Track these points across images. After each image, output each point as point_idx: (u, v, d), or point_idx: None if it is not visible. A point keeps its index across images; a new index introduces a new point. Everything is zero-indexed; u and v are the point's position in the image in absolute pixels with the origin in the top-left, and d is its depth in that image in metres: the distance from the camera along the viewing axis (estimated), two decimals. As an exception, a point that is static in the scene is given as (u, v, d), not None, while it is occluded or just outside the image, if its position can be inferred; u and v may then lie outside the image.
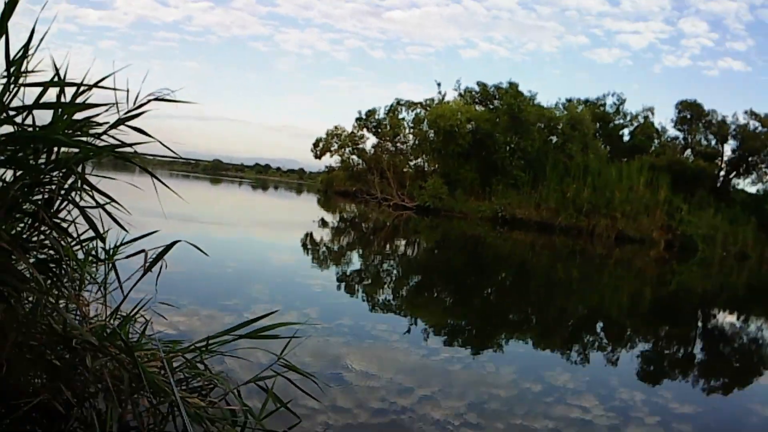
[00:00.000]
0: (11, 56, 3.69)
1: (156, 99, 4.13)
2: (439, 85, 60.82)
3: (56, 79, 3.81)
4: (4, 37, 3.60)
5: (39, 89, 3.78)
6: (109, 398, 3.81)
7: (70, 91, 3.88)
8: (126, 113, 4.07)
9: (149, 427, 4.28)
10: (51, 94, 3.81)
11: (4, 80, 3.66)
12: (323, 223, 26.60)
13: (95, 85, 3.88)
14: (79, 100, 3.91)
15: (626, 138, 49.59)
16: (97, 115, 4.01)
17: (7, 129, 3.69)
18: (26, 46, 3.74)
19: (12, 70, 3.68)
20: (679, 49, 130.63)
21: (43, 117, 3.77)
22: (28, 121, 3.77)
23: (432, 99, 49.27)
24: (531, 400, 6.28)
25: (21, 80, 3.72)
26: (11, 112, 3.69)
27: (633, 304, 15.23)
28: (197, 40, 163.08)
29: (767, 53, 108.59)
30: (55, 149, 3.91)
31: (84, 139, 4.00)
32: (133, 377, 4.07)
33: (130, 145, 4.06)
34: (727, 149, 44.02)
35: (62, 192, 3.99)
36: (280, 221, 24.48)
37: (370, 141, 51.34)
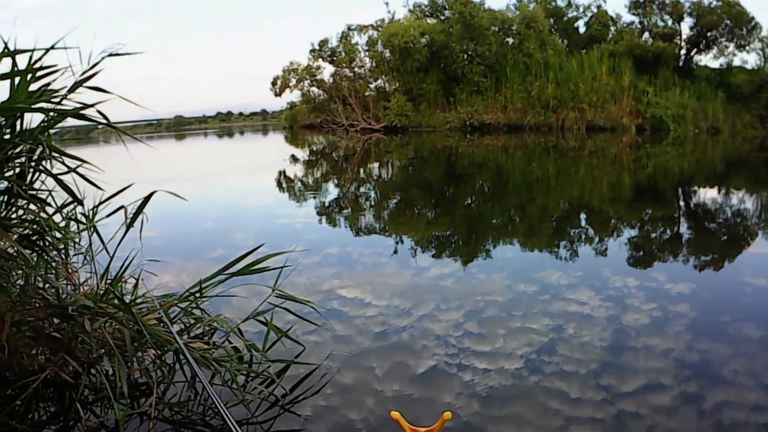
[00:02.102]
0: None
1: (110, 55, 4.06)
2: (387, 4, 59.68)
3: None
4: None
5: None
6: (114, 359, 3.81)
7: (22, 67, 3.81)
8: (82, 74, 3.99)
9: (159, 381, 4.31)
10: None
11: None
12: (294, 159, 26.41)
13: (47, 49, 3.81)
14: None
15: (582, 30, 48.93)
16: (53, 81, 3.95)
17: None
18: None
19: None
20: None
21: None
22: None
23: (383, 19, 48.46)
24: (527, 302, 6.33)
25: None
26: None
27: (613, 192, 15.33)
28: (135, 2, 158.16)
29: None
30: (18, 125, 3.86)
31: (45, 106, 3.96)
32: (134, 333, 4.08)
33: (92, 105, 4.00)
34: (685, 27, 43.51)
35: (32, 163, 3.96)
36: (250, 165, 24.29)
37: (328, 70, 50.59)
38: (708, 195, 14.54)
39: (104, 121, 4.05)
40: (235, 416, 4.01)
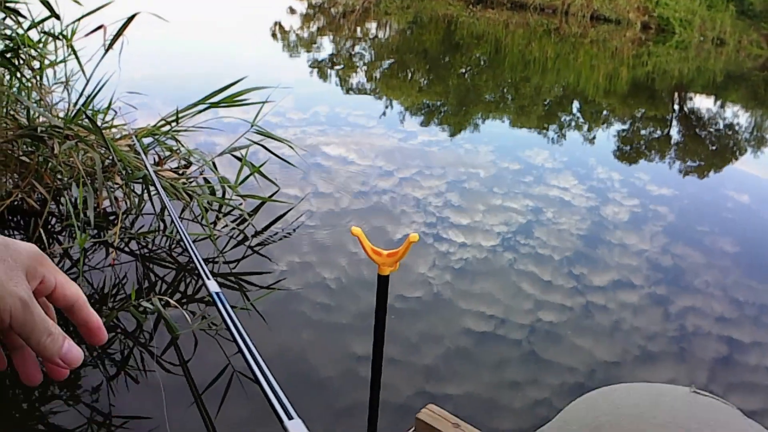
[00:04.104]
0: None
1: None
2: None
3: None
4: None
5: None
6: (83, 187, 3.70)
7: None
8: None
9: (126, 211, 4.24)
10: None
11: None
12: (291, 11, 25.65)
13: None
14: None
15: None
16: None
17: None
18: None
19: None
20: None
21: None
22: None
23: None
24: (510, 180, 6.28)
25: None
26: None
27: (609, 84, 15.07)
28: None
29: None
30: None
31: None
32: (105, 159, 3.97)
33: None
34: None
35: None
36: (245, 13, 23.55)
37: None
38: (703, 104, 14.31)
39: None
40: (202, 253, 3.98)
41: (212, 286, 1.92)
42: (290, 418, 1.29)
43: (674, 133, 10.53)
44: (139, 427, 2.68)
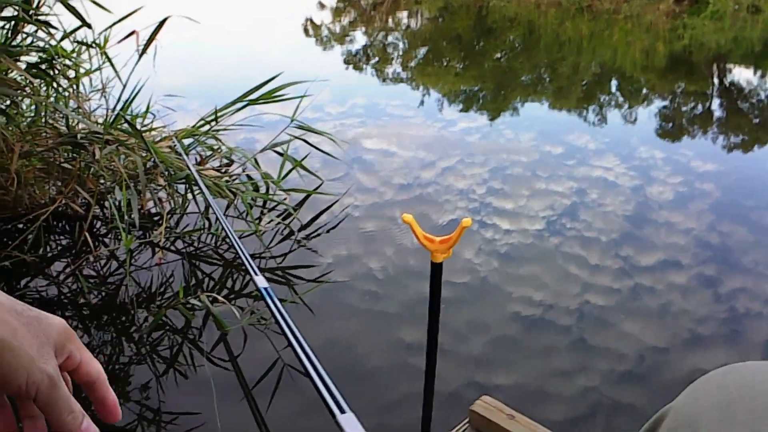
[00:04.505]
0: None
1: None
2: None
3: None
4: None
5: None
6: (126, 189, 3.74)
7: None
8: None
9: (171, 211, 4.29)
10: None
11: None
12: (321, 6, 25.68)
13: None
14: None
15: None
16: None
17: None
18: None
19: None
20: None
21: None
22: None
23: None
24: (553, 164, 6.20)
25: None
26: None
27: (647, 60, 14.82)
28: None
29: None
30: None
31: None
32: (146, 162, 4.03)
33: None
34: None
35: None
36: (274, 11, 23.63)
37: None
38: (743, 75, 13.96)
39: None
40: (248, 249, 4.01)
41: (260, 281, 1.92)
42: (342, 411, 1.28)
43: (716, 106, 10.30)
44: (189, 423, 2.70)
